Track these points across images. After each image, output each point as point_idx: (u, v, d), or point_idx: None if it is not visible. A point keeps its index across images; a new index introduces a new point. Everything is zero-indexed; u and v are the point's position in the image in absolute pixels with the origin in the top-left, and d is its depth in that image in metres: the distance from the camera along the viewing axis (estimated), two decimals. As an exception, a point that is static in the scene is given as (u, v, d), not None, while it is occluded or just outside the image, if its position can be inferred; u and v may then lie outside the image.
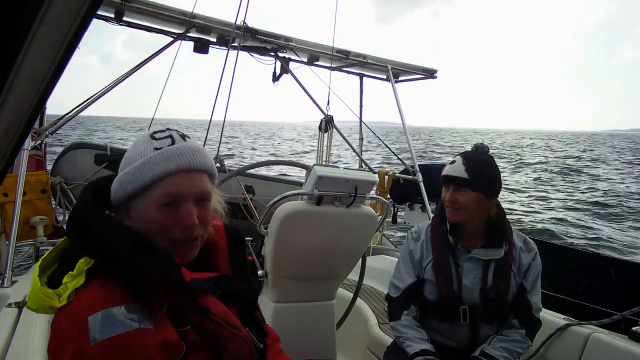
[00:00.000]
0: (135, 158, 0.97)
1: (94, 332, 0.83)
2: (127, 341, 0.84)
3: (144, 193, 0.96)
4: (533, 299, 1.78)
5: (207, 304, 0.98)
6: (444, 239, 1.82)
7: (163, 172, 0.95)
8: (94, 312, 0.84)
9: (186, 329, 0.95)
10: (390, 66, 4.52)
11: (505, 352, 1.70)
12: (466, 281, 1.77)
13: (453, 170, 1.76)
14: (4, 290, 2.05)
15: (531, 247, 1.83)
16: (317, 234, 1.83)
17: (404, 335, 1.77)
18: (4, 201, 3.04)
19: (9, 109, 0.47)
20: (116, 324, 0.84)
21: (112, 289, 0.88)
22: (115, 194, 0.98)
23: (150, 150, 0.97)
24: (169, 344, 0.90)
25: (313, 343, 2.01)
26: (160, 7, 3.41)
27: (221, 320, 0.99)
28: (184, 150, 0.97)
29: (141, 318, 0.87)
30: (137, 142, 1.01)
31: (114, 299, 0.87)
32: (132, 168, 0.96)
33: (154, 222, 0.96)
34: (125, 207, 0.99)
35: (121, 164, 1.00)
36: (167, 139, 0.99)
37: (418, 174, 4.25)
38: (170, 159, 0.96)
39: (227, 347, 0.99)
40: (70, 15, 0.42)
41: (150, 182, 0.95)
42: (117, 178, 0.99)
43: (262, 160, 1.99)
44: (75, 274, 0.89)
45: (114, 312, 0.85)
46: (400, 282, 1.87)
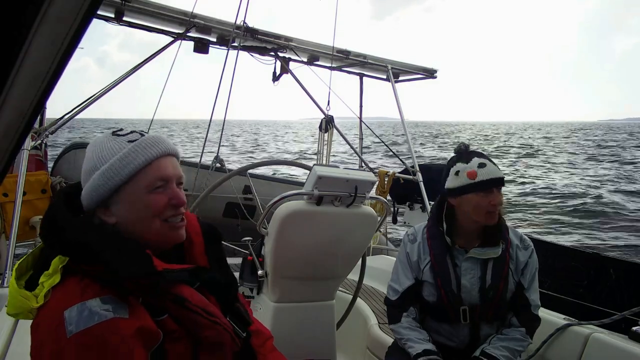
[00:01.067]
0: (112, 154, 0.99)
1: (70, 325, 0.85)
2: (103, 331, 0.86)
3: (130, 182, 0.99)
4: (531, 296, 1.78)
5: (182, 293, 0.99)
6: (441, 240, 1.81)
7: (150, 158, 1.00)
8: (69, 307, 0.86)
9: (163, 317, 0.97)
10: (390, 66, 4.53)
11: (506, 350, 1.70)
12: (465, 281, 1.76)
13: (493, 172, 1.72)
14: (3, 290, 2.05)
15: (527, 245, 1.83)
16: (317, 234, 1.83)
17: (405, 337, 1.77)
18: (4, 201, 3.04)
19: (9, 109, 0.47)
20: (91, 315, 0.86)
21: (87, 283, 0.90)
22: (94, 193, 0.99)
23: (125, 144, 1.00)
24: (144, 331, 0.91)
25: (313, 343, 2.01)
26: (160, 7, 3.41)
27: (197, 309, 1.00)
28: (159, 138, 1.04)
29: (116, 308, 0.89)
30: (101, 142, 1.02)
31: (90, 293, 0.89)
32: (115, 161, 0.98)
33: (146, 207, 1.00)
34: (105, 204, 1.00)
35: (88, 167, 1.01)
36: (134, 134, 1.04)
37: (418, 174, 4.25)
38: (151, 147, 1.01)
39: (205, 334, 1.01)
40: (70, 15, 0.42)
41: (137, 170, 0.99)
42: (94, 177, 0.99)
43: (262, 161, 1.99)
44: (50, 273, 0.91)
45: (88, 304, 0.87)
46: (398, 285, 1.86)
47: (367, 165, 4.86)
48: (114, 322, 0.87)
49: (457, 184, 1.74)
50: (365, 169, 4.12)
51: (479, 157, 1.76)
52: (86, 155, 1.03)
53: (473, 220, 1.75)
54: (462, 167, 1.74)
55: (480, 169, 1.71)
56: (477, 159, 1.74)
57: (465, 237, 1.79)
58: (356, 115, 4.97)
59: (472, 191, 1.71)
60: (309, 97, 4.35)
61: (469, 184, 1.71)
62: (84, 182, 1.01)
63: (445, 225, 1.80)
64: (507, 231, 1.81)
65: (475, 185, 1.70)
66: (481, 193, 1.70)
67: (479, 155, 1.78)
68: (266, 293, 1.98)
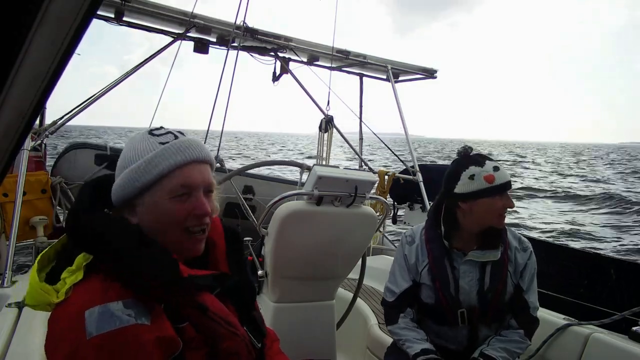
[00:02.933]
0: (141, 154, 0.98)
1: (91, 327, 0.83)
2: (123, 337, 0.84)
3: (155, 186, 0.97)
4: (530, 298, 1.78)
5: (204, 301, 0.98)
6: (439, 243, 1.80)
7: (176, 164, 0.97)
8: (91, 307, 0.85)
9: (184, 325, 0.95)
10: (390, 66, 4.53)
11: (504, 352, 1.70)
12: (463, 284, 1.75)
13: (506, 176, 1.72)
14: (3, 290, 2.05)
15: (526, 246, 1.82)
16: (317, 234, 1.83)
17: (403, 338, 1.77)
18: (4, 201, 3.04)
19: (9, 109, 0.47)
20: (113, 319, 0.84)
21: (110, 284, 0.89)
22: (121, 190, 0.98)
23: (156, 145, 0.98)
24: (165, 340, 0.90)
25: (313, 343, 2.01)
26: (160, 7, 3.41)
27: (218, 318, 0.99)
28: (192, 143, 1.01)
29: (138, 314, 0.87)
30: (136, 140, 1.01)
31: (112, 294, 0.87)
32: (142, 162, 0.96)
33: (167, 214, 0.97)
34: (131, 203, 0.99)
35: (121, 163, 1.00)
36: (169, 135, 1.01)
37: (418, 174, 4.25)
38: (180, 151, 0.98)
39: (224, 345, 0.99)
40: (70, 15, 0.42)
41: (162, 174, 0.96)
42: (122, 175, 0.98)
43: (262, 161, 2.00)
44: (73, 270, 0.90)
45: (111, 307, 0.86)
46: (395, 287, 1.85)
47: (367, 165, 4.86)
48: (135, 328, 0.86)
49: (473, 188, 1.70)
50: (365, 169, 4.13)
51: (490, 160, 1.75)
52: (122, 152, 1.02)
53: (479, 224, 1.73)
54: (477, 170, 1.71)
55: (496, 172, 1.70)
56: (490, 162, 1.73)
57: (463, 240, 1.78)
58: (356, 115, 4.97)
59: (489, 195, 1.68)
60: (309, 97, 4.36)
61: (488, 187, 1.68)
62: (117, 177, 1.00)
63: (444, 228, 1.79)
64: (505, 233, 1.81)
65: (494, 189, 1.68)
66: (497, 196, 1.69)
67: (489, 158, 1.77)
68: (266, 293, 1.98)
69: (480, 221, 1.73)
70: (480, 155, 1.79)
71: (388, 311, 1.88)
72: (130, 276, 0.89)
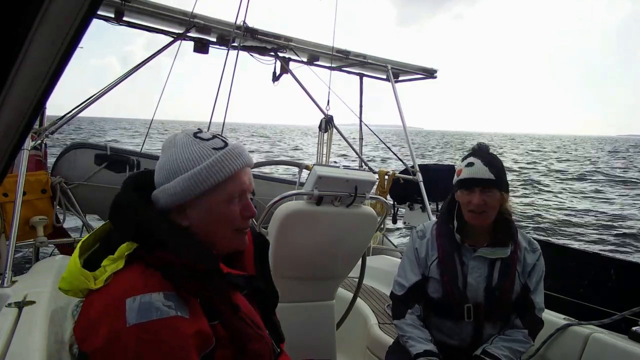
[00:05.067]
0: (198, 160, 1.00)
1: (131, 315, 0.84)
2: (162, 327, 0.85)
3: (214, 191, 1.01)
4: (536, 299, 1.78)
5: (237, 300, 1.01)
6: (450, 237, 1.81)
7: (233, 171, 1.02)
8: (131, 296, 0.86)
9: (215, 323, 0.96)
10: (390, 66, 4.52)
11: (507, 351, 1.70)
12: (471, 279, 1.76)
13: (477, 172, 1.72)
14: (4, 290, 2.05)
15: (535, 248, 1.83)
16: (317, 234, 1.83)
17: (407, 335, 1.77)
18: (4, 201, 3.04)
19: (9, 109, 0.47)
20: (153, 309, 0.86)
21: (151, 275, 0.90)
22: (175, 195, 0.99)
23: (211, 151, 1.01)
24: (202, 334, 0.91)
25: (313, 343, 2.01)
26: (160, 7, 3.41)
27: (248, 319, 1.01)
28: (243, 150, 1.06)
29: (177, 306, 0.88)
30: (185, 144, 1.02)
31: (153, 284, 0.89)
32: (202, 169, 0.99)
33: (223, 216, 1.03)
34: (181, 207, 1.01)
35: (171, 167, 1.01)
36: (217, 140, 1.04)
37: (418, 174, 4.25)
38: (236, 159, 1.03)
39: (251, 346, 1.01)
40: (70, 15, 0.42)
41: (223, 180, 1.01)
42: (178, 181, 0.99)
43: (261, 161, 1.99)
44: (115, 258, 0.91)
45: (151, 297, 0.87)
46: (405, 281, 1.86)
47: (367, 165, 4.86)
48: (175, 320, 0.87)
49: (454, 180, 1.82)
50: (365, 169, 4.13)
51: (475, 156, 1.77)
52: (166, 153, 1.03)
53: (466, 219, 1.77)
54: (458, 164, 1.82)
55: (467, 167, 1.75)
56: (471, 158, 1.77)
57: (474, 235, 1.80)
58: (356, 115, 4.97)
59: (458, 188, 1.78)
60: (309, 97, 4.36)
61: (456, 181, 1.78)
62: (163, 180, 1.01)
63: (456, 223, 1.81)
64: (516, 233, 1.82)
65: (460, 183, 1.76)
66: (464, 191, 1.75)
67: (478, 155, 1.78)
68: (266, 293, 1.98)
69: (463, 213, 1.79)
70: (476, 152, 1.82)
71: (396, 304, 1.89)
72: (172, 266, 0.90)
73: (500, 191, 1.74)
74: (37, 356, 1.39)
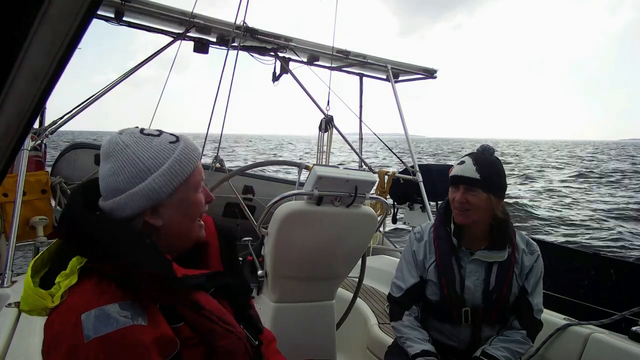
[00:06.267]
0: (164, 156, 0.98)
1: (88, 330, 0.83)
2: (121, 338, 0.84)
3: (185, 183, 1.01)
4: (534, 300, 1.78)
5: (199, 300, 0.99)
6: (447, 240, 1.81)
7: (197, 160, 1.04)
8: (87, 310, 0.85)
9: (180, 325, 0.95)
10: (390, 66, 4.52)
11: (506, 352, 1.70)
12: (469, 282, 1.76)
13: (463, 170, 1.73)
14: (4, 290, 2.05)
15: (534, 249, 1.82)
16: (317, 234, 1.83)
17: (405, 336, 1.77)
18: (4, 201, 3.04)
19: (9, 109, 0.47)
20: (110, 321, 0.84)
21: (105, 286, 0.89)
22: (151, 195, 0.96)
23: (170, 145, 1.00)
24: (163, 340, 0.90)
25: (313, 343, 2.01)
26: (160, 7, 3.41)
27: (214, 317, 0.99)
28: (191, 140, 1.06)
29: (134, 315, 0.87)
30: (139, 143, 0.99)
31: (107, 296, 0.87)
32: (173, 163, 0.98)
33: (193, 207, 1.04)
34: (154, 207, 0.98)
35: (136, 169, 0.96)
36: (165, 134, 1.03)
37: (418, 174, 4.25)
38: (195, 149, 1.04)
39: (221, 343, 1.00)
40: (70, 15, 0.42)
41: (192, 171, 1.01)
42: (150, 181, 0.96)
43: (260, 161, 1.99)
44: (67, 273, 0.90)
45: (107, 309, 0.86)
46: (402, 283, 1.86)
47: (367, 165, 4.86)
48: (133, 329, 0.86)
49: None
50: (365, 169, 4.13)
51: (469, 156, 1.79)
52: (120, 156, 0.97)
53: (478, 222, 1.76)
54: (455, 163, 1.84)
55: (458, 165, 1.78)
56: (464, 157, 1.79)
57: (471, 238, 1.79)
58: (356, 115, 4.97)
59: (450, 185, 1.80)
60: (309, 97, 4.36)
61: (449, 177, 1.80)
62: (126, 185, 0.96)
63: (453, 226, 1.81)
64: (514, 235, 1.82)
65: (450, 179, 1.79)
66: (452, 188, 1.77)
67: (472, 155, 1.79)
68: (266, 293, 1.98)
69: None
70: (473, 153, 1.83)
71: (393, 307, 1.89)
72: (126, 275, 0.89)
73: (488, 193, 1.71)
74: (37, 356, 1.39)
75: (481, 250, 1.77)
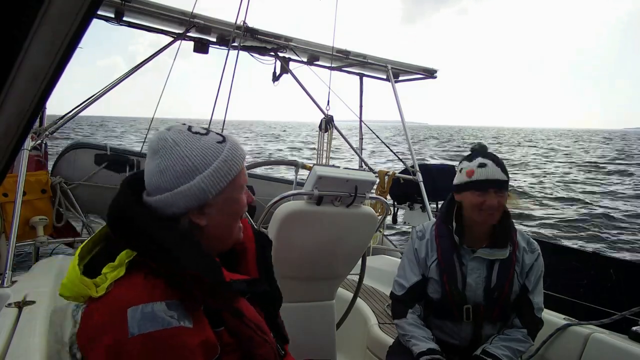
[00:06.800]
0: (212, 156, 0.96)
1: (133, 326, 0.82)
2: (167, 338, 0.84)
3: (231, 183, 0.99)
4: (535, 299, 1.79)
5: (241, 306, 0.99)
6: (449, 239, 1.82)
7: (242, 161, 1.03)
8: (133, 305, 0.84)
9: (220, 329, 0.95)
10: (390, 66, 4.52)
11: (507, 350, 1.71)
12: (470, 280, 1.77)
13: (492, 173, 1.72)
14: (4, 290, 2.05)
15: (534, 248, 1.83)
16: (317, 234, 1.83)
17: (409, 334, 1.77)
18: (4, 201, 3.04)
19: (9, 109, 0.47)
20: (156, 320, 0.84)
21: (153, 283, 0.88)
22: (199, 194, 0.95)
23: (217, 145, 0.99)
24: (207, 344, 0.89)
25: (313, 343, 2.01)
26: (160, 7, 3.41)
27: (253, 325, 1.00)
28: (238, 140, 1.05)
29: (181, 316, 0.87)
30: (187, 141, 0.96)
31: (155, 294, 0.87)
32: (221, 164, 0.96)
33: (238, 207, 1.03)
34: (200, 207, 0.96)
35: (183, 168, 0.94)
36: (212, 133, 1.02)
37: (418, 173, 4.25)
38: (241, 149, 1.03)
39: (259, 351, 1.00)
40: (70, 15, 0.43)
41: (236, 174, 1.00)
42: (198, 181, 0.94)
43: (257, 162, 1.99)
44: (115, 265, 0.89)
45: (154, 307, 0.85)
46: (405, 281, 1.87)
47: (367, 165, 4.86)
48: (178, 330, 0.85)
49: (458, 181, 1.80)
50: (365, 169, 4.13)
51: (483, 157, 1.77)
52: (168, 153, 0.95)
53: (471, 218, 1.77)
54: (465, 165, 1.79)
55: (479, 168, 1.73)
56: (480, 159, 1.76)
57: (473, 236, 1.80)
58: (356, 115, 4.97)
59: (468, 189, 1.75)
60: (309, 97, 4.36)
61: (466, 182, 1.75)
62: (173, 184, 0.94)
63: (455, 224, 1.81)
64: (515, 233, 1.83)
65: (471, 184, 1.74)
66: (477, 192, 1.73)
67: (485, 155, 1.78)
68: (266, 293, 1.98)
69: (468, 214, 1.77)
70: (481, 152, 1.81)
71: (396, 304, 1.89)
72: (179, 275, 0.88)
73: (508, 191, 1.76)
74: (37, 356, 1.39)
75: (483, 248, 1.78)
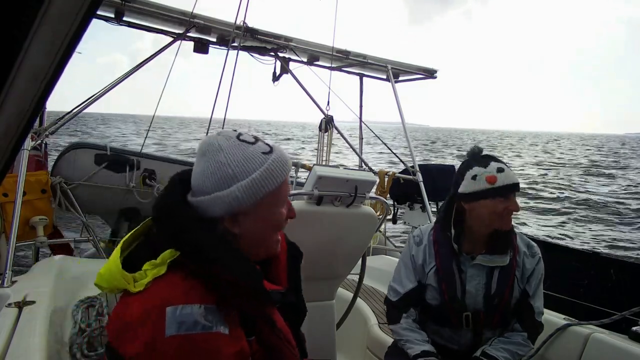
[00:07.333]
0: (253, 166, 0.96)
1: (171, 326, 0.83)
2: (202, 342, 0.84)
3: (269, 196, 0.98)
4: (535, 303, 1.76)
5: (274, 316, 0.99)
6: (448, 245, 1.78)
7: (285, 175, 1.01)
8: (172, 305, 0.84)
9: (252, 339, 0.95)
10: (390, 66, 4.52)
11: (506, 352, 1.69)
12: (470, 287, 1.74)
13: (511, 178, 1.69)
14: (4, 290, 2.05)
15: (535, 252, 1.80)
16: (317, 234, 1.83)
17: (404, 338, 1.76)
18: (4, 201, 3.04)
19: (9, 109, 0.47)
20: (194, 323, 0.84)
21: (193, 285, 0.88)
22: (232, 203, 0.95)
23: (262, 156, 0.98)
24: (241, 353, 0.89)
25: (313, 343, 2.00)
26: (160, 7, 3.41)
27: (282, 335, 1.00)
28: (285, 153, 1.04)
29: (218, 322, 0.87)
30: (232, 148, 0.97)
31: (194, 296, 0.87)
32: (260, 176, 0.95)
33: (275, 220, 1.02)
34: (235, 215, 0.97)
35: (224, 173, 0.95)
36: (260, 143, 1.01)
37: (418, 174, 4.25)
38: (286, 162, 1.02)
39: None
40: (70, 15, 0.43)
41: (278, 186, 0.99)
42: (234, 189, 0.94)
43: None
44: (157, 263, 0.89)
45: (193, 309, 0.85)
46: (400, 287, 1.84)
47: (367, 165, 4.86)
48: (215, 336, 0.86)
49: (475, 188, 1.69)
50: (365, 169, 4.13)
51: (496, 161, 1.73)
52: (212, 158, 0.96)
53: (485, 225, 1.72)
54: (480, 171, 1.70)
55: (500, 173, 1.68)
56: (495, 164, 1.71)
57: (472, 243, 1.77)
58: (356, 115, 4.97)
59: (490, 196, 1.67)
60: (309, 97, 4.36)
61: (488, 188, 1.67)
62: (213, 188, 0.95)
63: (454, 231, 1.77)
64: (515, 238, 1.79)
65: (495, 191, 1.66)
66: (500, 198, 1.67)
67: (496, 159, 1.74)
68: (266, 293, 1.98)
69: (483, 223, 1.71)
70: (488, 156, 1.78)
71: (391, 310, 1.87)
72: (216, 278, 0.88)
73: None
74: (37, 356, 1.39)
75: (482, 254, 1.74)
